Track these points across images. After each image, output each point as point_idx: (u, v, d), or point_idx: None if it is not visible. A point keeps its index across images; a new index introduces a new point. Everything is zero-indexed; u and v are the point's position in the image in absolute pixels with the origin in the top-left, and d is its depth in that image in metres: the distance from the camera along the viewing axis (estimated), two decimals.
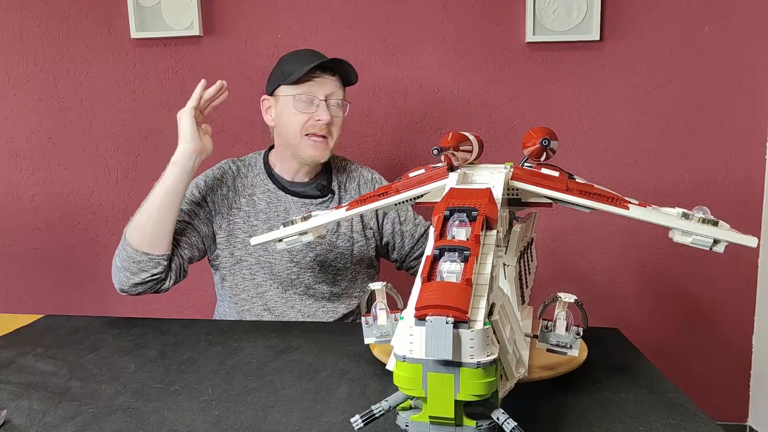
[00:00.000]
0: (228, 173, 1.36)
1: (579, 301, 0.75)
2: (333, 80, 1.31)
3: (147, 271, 1.18)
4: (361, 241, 1.38)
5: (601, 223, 1.96)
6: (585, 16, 1.85)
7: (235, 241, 1.33)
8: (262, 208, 1.34)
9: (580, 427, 0.73)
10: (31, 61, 2.05)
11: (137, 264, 1.18)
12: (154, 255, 1.18)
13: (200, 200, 1.31)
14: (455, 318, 0.49)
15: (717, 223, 0.74)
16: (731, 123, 1.90)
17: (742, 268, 1.97)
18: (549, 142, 0.81)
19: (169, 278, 1.23)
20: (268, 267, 1.33)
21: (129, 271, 1.18)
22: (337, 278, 1.37)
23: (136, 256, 1.17)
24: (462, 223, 0.60)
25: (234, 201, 1.34)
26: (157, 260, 1.19)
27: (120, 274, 1.19)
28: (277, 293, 1.34)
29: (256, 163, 1.39)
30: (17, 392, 0.86)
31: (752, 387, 2.02)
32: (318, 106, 1.28)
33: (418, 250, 1.43)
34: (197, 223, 1.30)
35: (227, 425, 0.75)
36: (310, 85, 1.28)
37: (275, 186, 1.36)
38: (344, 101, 1.34)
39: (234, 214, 1.33)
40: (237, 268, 1.34)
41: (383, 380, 0.87)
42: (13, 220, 2.14)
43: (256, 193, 1.35)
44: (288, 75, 1.28)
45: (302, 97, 1.28)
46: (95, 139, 2.07)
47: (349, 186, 1.41)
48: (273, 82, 1.33)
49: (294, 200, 1.35)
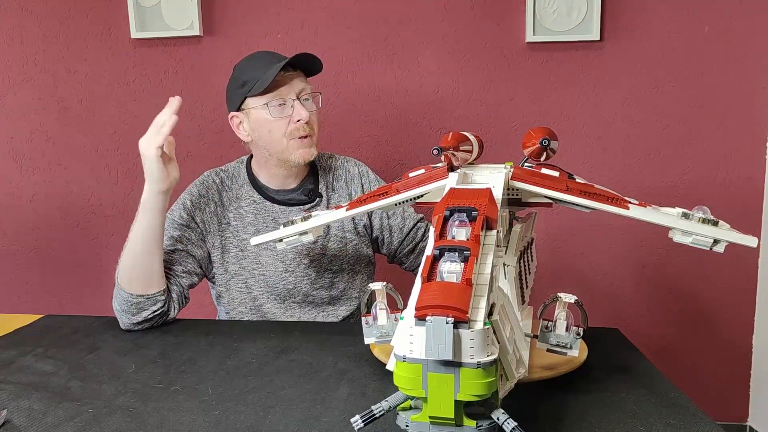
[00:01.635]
0: (212, 188, 1.32)
1: (579, 301, 0.75)
2: (297, 76, 1.26)
3: (147, 310, 1.15)
4: (355, 239, 1.36)
5: (601, 223, 1.96)
6: (585, 16, 1.85)
7: (228, 257, 1.31)
8: (250, 221, 1.31)
9: (580, 427, 0.73)
10: (31, 61, 2.05)
11: (136, 306, 1.14)
12: (149, 294, 1.14)
13: (189, 222, 1.27)
14: (455, 318, 0.50)
15: (717, 223, 0.74)
16: (731, 123, 1.90)
17: (742, 268, 1.96)
18: (549, 142, 0.81)
19: (172, 308, 1.19)
20: (263, 279, 1.31)
21: (129, 313, 1.14)
22: (335, 281, 1.35)
23: (132, 299, 1.13)
24: (462, 223, 0.60)
25: (222, 216, 1.31)
26: (154, 298, 1.15)
27: (122, 317, 1.15)
28: (274, 305, 1.32)
29: (239, 173, 1.35)
30: (17, 392, 0.86)
31: (752, 387, 2.02)
32: (293, 107, 1.24)
33: (408, 245, 1.40)
34: (191, 248, 1.26)
35: (227, 425, 0.75)
36: (278, 89, 1.23)
37: (261, 196, 1.33)
38: (314, 93, 1.30)
39: (224, 229, 1.30)
40: (232, 283, 1.32)
41: (383, 380, 0.87)
42: (13, 220, 2.14)
43: (242, 205, 1.32)
44: (251, 86, 1.23)
45: (274, 103, 1.23)
46: (95, 139, 2.07)
47: (337, 185, 1.38)
48: (237, 98, 1.27)
49: (282, 209, 1.32)
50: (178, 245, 1.25)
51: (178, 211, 1.28)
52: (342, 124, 1.99)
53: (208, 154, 2.02)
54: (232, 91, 1.28)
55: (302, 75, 1.28)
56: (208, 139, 2.02)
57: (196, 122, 2.01)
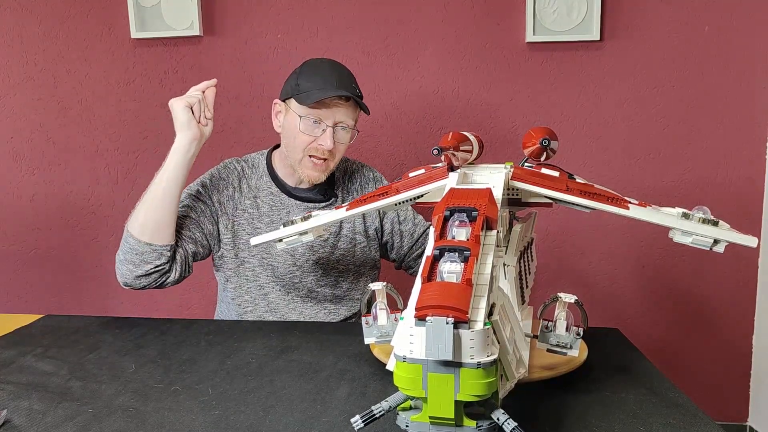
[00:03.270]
0: (233, 173, 1.35)
1: (579, 301, 0.75)
2: (346, 107, 1.25)
3: (150, 263, 1.17)
4: (364, 242, 1.38)
5: (601, 223, 1.96)
6: (585, 16, 1.85)
7: (239, 242, 1.33)
8: (265, 211, 1.33)
9: (580, 427, 0.73)
10: (31, 61, 2.05)
11: (140, 255, 1.16)
12: (156, 245, 1.17)
13: (206, 199, 1.30)
14: (455, 318, 0.49)
15: (717, 223, 0.74)
16: (731, 123, 1.90)
17: (742, 268, 1.97)
18: (549, 142, 0.81)
19: (174, 270, 1.21)
20: (271, 269, 1.33)
21: (132, 264, 1.17)
22: (339, 280, 1.37)
23: (139, 246, 1.16)
24: (462, 223, 0.60)
25: (239, 202, 1.33)
26: (160, 251, 1.17)
27: (123, 267, 1.18)
28: (279, 295, 1.34)
29: (259, 164, 1.38)
30: (17, 392, 0.86)
31: (752, 387, 2.02)
32: (324, 131, 1.24)
33: (417, 250, 1.42)
34: (203, 219, 1.29)
35: (227, 425, 0.75)
36: (320, 110, 1.23)
37: (278, 189, 1.35)
38: (353, 129, 1.28)
39: (239, 215, 1.32)
40: (241, 270, 1.34)
41: (383, 380, 0.87)
42: (13, 220, 2.14)
43: (259, 195, 1.34)
44: (302, 92, 1.23)
45: (309, 119, 1.23)
46: (95, 139, 2.07)
47: (352, 187, 1.40)
48: (287, 92, 1.28)
49: (297, 204, 1.34)
50: (191, 213, 1.27)
51: (196, 186, 1.31)
52: None
53: (208, 154, 2.01)
54: (289, 83, 1.29)
55: (352, 106, 1.26)
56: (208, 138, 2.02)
57: None
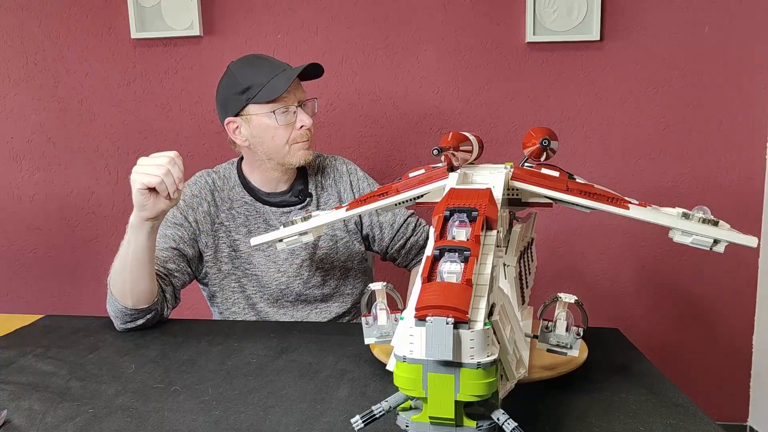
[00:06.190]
0: (205, 188, 1.32)
1: (579, 301, 0.75)
2: (296, 82, 1.26)
3: (141, 319, 1.14)
4: (345, 237, 1.37)
5: (601, 223, 1.96)
6: (585, 16, 1.85)
7: (220, 256, 1.32)
8: (241, 221, 1.32)
9: (580, 427, 0.73)
10: (31, 61, 2.05)
11: (129, 315, 1.13)
12: (143, 307, 1.13)
13: (182, 221, 1.28)
14: (455, 318, 0.50)
15: (717, 223, 0.74)
16: (731, 123, 1.90)
17: (742, 268, 1.97)
18: (549, 142, 0.81)
19: (166, 309, 1.19)
20: (256, 279, 1.32)
21: (122, 321, 1.14)
22: (327, 279, 1.36)
23: (126, 310, 1.12)
24: (462, 223, 0.60)
25: (216, 216, 1.32)
26: (147, 309, 1.14)
27: (116, 321, 1.15)
28: (267, 304, 1.34)
29: (230, 175, 1.36)
30: (17, 392, 0.86)
31: (752, 387, 2.02)
32: (295, 113, 1.25)
33: (399, 240, 1.40)
34: (183, 246, 1.26)
35: (227, 425, 0.75)
36: (285, 97, 1.23)
37: (252, 198, 1.33)
38: (310, 99, 1.30)
39: (217, 229, 1.31)
40: (225, 283, 1.33)
41: (383, 380, 0.87)
42: (13, 220, 2.14)
43: (234, 206, 1.33)
44: (255, 93, 1.22)
45: (280, 111, 1.23)
46: (95, 139, 2.07)
47: (326, 183, 1.38)
48: (236, 103, 1.25)
49: (273, 210, 1.33)
50: (171, 243, 1.25)
51: (171, 211, 1.27)
52: (342, 124, 1.99)
53: (208, 154, 2.02)
54: (230, 96, 1.26)
55: (299, 81, 1.28)
56: (208, 138, 2.02)
57: (195, 122, 2.01)
